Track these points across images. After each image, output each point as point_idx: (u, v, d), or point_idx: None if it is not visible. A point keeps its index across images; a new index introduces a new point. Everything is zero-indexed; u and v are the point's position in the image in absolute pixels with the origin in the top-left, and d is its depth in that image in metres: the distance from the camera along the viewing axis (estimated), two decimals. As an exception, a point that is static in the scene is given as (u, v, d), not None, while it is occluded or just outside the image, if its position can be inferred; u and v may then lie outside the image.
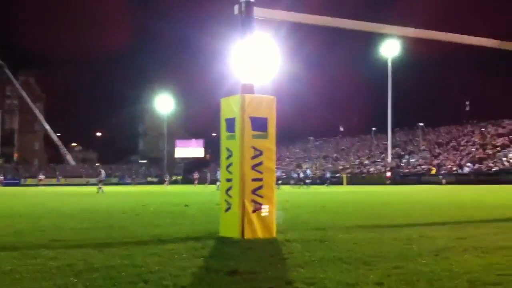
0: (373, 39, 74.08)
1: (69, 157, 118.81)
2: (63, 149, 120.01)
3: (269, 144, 8.76)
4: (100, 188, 35.90)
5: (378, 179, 66.19)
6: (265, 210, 8.50)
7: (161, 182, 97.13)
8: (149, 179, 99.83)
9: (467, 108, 79.41)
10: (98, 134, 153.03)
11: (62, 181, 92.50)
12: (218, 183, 47.89)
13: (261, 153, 8.61)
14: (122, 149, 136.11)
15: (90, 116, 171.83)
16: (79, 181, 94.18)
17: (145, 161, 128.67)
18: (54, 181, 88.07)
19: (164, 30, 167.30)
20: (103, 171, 38.62)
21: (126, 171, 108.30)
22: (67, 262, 6.14)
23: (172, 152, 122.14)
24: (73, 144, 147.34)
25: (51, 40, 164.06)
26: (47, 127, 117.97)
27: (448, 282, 4.99)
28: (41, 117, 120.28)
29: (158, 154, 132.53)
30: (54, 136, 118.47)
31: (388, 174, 66.67)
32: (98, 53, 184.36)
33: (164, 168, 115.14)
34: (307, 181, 53.96)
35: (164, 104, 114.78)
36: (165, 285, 4.96)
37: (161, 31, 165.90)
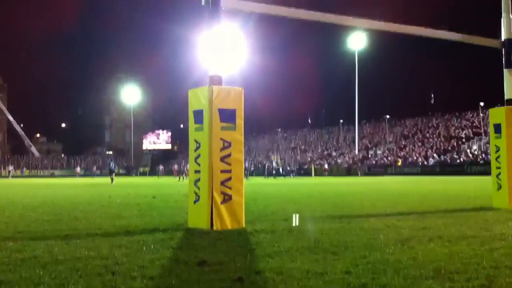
0: (340, 31, 74.60)
1: (33, 149, 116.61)
2: (27, 140, 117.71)
3: (238, 135, 8.77)
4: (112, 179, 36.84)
5: (340, 171, 67.79)
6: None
7: (128, 173, 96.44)
8: (116, 170, 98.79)
9: (432, 101, 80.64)
10: (63, 125, 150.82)
11: (26, 172, 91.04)
12: (185, 175, 47.95)
13: (229, 145, 8.62)
14: (88, 140, 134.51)
15: (54, 106, 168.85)
16: (43, 172, 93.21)
17: (111, 152, 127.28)
18: (18, 172, 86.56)
19: (131, 20, 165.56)
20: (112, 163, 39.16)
21: (93, 162, 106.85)
22: (32, 254, 6.06)
23: (139, 144, 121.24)
24: (37, 135, 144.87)
25: (14, 28, 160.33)
26: (10, 117, 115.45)
27: (414, 271, 5.07)
28: (3, 107, 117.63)
29: (124, 145, 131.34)
30: (18, 127, 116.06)
31: (326, 166, 68.85)
32: (64, 43, 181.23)
33: (132, 159, 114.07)
34: (281, 172, 54.41)
35: (130, 95, 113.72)
36: (133, 277, 4.92)
37: (127, 20, 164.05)
